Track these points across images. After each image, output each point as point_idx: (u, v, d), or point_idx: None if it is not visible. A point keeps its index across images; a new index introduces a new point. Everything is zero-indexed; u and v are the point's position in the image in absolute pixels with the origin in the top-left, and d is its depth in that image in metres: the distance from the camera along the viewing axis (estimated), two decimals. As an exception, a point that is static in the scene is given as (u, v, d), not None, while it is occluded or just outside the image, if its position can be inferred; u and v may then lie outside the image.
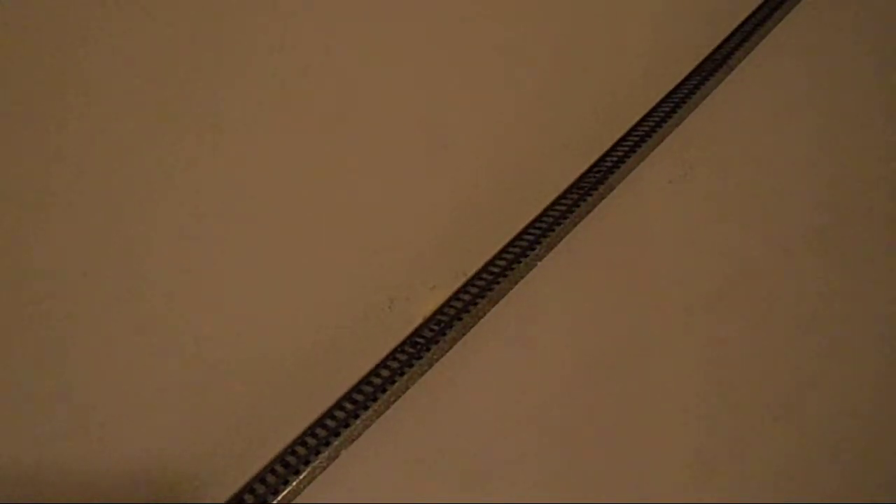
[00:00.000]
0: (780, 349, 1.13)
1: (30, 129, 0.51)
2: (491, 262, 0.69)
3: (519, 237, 0.70)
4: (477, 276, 0.69)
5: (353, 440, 0.61)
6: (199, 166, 0.57)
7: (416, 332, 0.66)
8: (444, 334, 0.65)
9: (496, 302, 0.66)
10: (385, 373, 0.64)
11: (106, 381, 0.55)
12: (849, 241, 1.15)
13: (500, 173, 0.72)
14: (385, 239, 0.67)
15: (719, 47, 0.81)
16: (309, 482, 0.59)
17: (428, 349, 0.64)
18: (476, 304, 0.66)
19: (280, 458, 0.62)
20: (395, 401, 0.63)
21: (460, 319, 0.66)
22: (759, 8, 0.83)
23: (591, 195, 0.70)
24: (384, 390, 0.63)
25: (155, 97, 0.54)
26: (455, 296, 0.68)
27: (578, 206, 0.70)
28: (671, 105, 0.76)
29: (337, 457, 0.61)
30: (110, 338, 0.55)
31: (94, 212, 0.53)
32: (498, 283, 0.67)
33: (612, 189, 0.71)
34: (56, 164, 0.52)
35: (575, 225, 0.69)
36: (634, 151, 0.72)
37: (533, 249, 0.68)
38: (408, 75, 0.67)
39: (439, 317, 0.67)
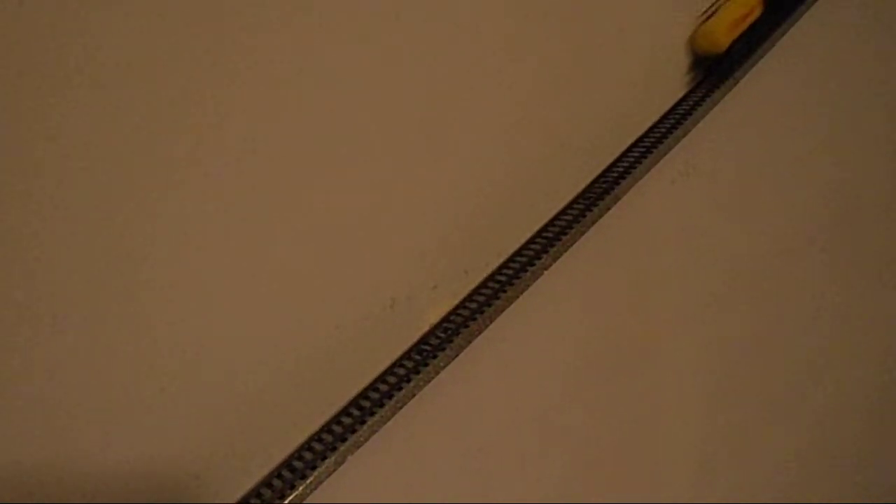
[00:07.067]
0: (782, 348, 1.14)
1: (24, 132, 0.50)
2: (498, 271, 0.70)
3: (525, 246, 0.71)
4: (484, 284, 0.69)
5: (359, 445, 0.62)
6: (200, 168, 0.57)
7: (423, 338, 0.67)
8: (451, 341, 0.66)
9: (503, 310, 0.67)
10: (392, 379, 0.65)
11: (109, 383, 0.55)
12: (850, 240, 1.16)
13: (504, 176, 0.72)
14: (385, 238, 0.66)
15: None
16: (315, 487, 0.61)
17: (435, 356, 0.65)
18: (483, 311, 0.67)
19: (287, 463, 0.63)
20: (401, 407, 0.64)
21: (467, 327, 0.66)
22: (764, 18, 0.83)
23: (597, 205, 0.71)
24: (391, 396, 0.64)
25: (155, 98, 0.54)
26: (462, 304, 0.68)
27: (585, 216, 0.70)
28: (679, 114, 0.77)
29: (343, 462, 0.62)
30: (113, 339, 0.55)
31: (94, 213, 0.53)
32: (505, 291, 0.68)
33: (617, 199, 0.71)
34: (53, 166, 0.51)
35: (581, 235, 0.70)
36: (640, 162, 0.73)
37: (539, 258, 0.69)
38: (411, 77, 0.66)
39: (446, 324, 0.68)
